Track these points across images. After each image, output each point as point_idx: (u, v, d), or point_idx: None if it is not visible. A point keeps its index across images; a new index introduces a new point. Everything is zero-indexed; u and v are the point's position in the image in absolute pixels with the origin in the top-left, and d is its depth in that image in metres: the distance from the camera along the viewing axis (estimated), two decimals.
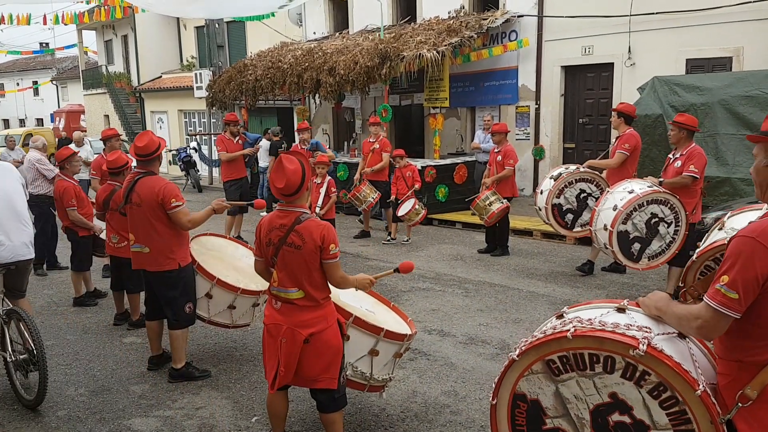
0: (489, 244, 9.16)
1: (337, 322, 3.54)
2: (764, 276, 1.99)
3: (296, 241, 3.36)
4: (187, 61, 24.89)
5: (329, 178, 8.46)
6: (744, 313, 2.05)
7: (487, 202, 8.46)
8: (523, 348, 2.32)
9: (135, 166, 4.97)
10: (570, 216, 7.39)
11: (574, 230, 7.49)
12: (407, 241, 9.98)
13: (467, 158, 12.65)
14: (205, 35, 19.53)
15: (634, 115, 7.47)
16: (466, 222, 11.27)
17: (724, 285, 2.02)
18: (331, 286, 3.51)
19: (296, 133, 10.29)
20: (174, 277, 4.69)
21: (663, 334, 2.19)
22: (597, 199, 6.81)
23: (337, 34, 16.46)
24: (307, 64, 13.38)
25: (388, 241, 10.01)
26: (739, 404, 2.07)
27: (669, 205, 6.06)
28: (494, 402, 2.46)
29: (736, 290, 2.00)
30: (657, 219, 6.10)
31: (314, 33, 17.94)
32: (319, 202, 8.20)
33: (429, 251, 9.39)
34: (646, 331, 2.14)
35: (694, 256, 3.32)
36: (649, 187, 6.12)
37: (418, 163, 11.67)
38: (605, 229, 6.18)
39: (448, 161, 12.50)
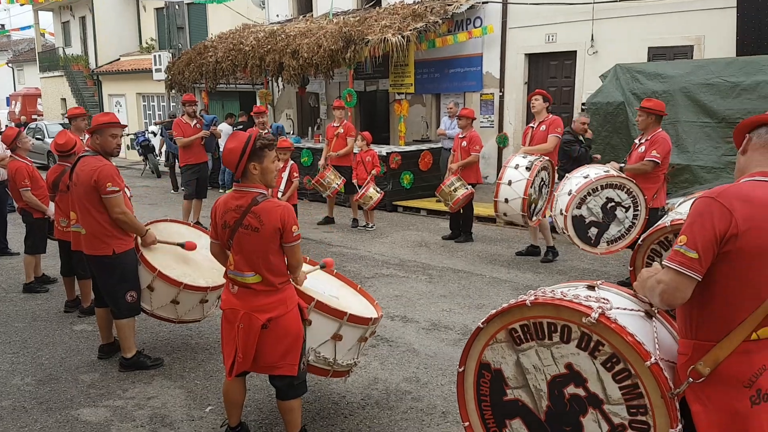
0: (453, 230, 9.13)
1: (298, 306, 3.41)
2: (722, 234, 1.96)
3: (253, 223, 3.22)
4: (147, 43, 24.27)
5: (292, 162, 8.27)
6: (701, 286, 2.01)
7: (452, 188, 8.40)
8: (489, 316, 2.38)
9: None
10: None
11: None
12: (371, 227, 9.88)
13: (432, 145, 12.60)
14: (164, 17, 19.05)
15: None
16: (431, 209, 11.23)
17: (683, 245, 2.00)
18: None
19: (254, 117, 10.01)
20: (109, 264, 4.49)
21: (625, 309, 2.18)
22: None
23: (301, 16, 16.18)
24: (269, 47, 13.11)
25: (364, 227, 9.91)
26: (690, 379, 2.04)
27: (626, 189, 6.07)
28: (461, 369, 2.51)
29: (696, 249, 1.97)
30: (614, 203, 6.11)
31: (277, 15, 17.61)
32: (281, 187, 8.01)
33: (393, 237, 9.31)
34: (603, 302, 2.14)
35: (640, 239, 3.34)
36: (605, 171, 6.12)
37: (383, 150, 11.55)
38: (561, 214, 6.20)
39: (413, 148, 12.41)
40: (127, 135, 20.25)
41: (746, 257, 1.96)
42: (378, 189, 9.56)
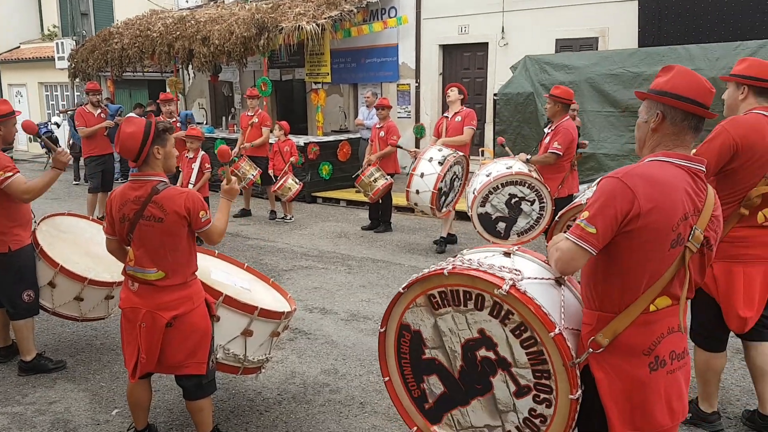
0: (372, 220, 9.14)
1: (205, 302, 3.27)
2: (623, 214, 2.05)
3: (156, 213, 3.04)
4: (49, 30, 22.86)
5: (203, 153, 7.99)
6: (604, 260, 2.11)
7: (372, 178, 8.39)
8: (409, 282, 2.47)
9: None
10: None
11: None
12: (290, 218, 9.74)
13: (351, 135, 12.54)
14: (67, 2, 17.97)
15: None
16: (350, 200, 11.18)
17: (584, 220, 2.09)
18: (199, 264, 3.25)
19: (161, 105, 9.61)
20: (5, 262, 4.18)
21: (535, 278, 2.28)
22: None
23: (211, 2, 15.69)
24: (178, 33, 12.65)
25: (282, 219, 9.75)
26: (590, 350, 2.16)
27: (527, 184, 6.19)
28: (383, 330, 2.63)
29: (595, 225, 2.06)
30: (517, 199, 6.26)
31: (186, 1, 17.01)
32: (192, 178, 7.73)
33: (312, 229, 9.22)
34: (516, 274, 2.24)
35: (557, 216, 3.48)
36: (507, 168, 6.24)
37: (301, 140, 11.40)
38: (469, 211, 6.38)
39: (331, 138, 12.31)
40: None
41: (647, 235, 2.05)
42: (297, 180, 9.42)
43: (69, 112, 18.03)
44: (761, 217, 3.27)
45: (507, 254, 2.46)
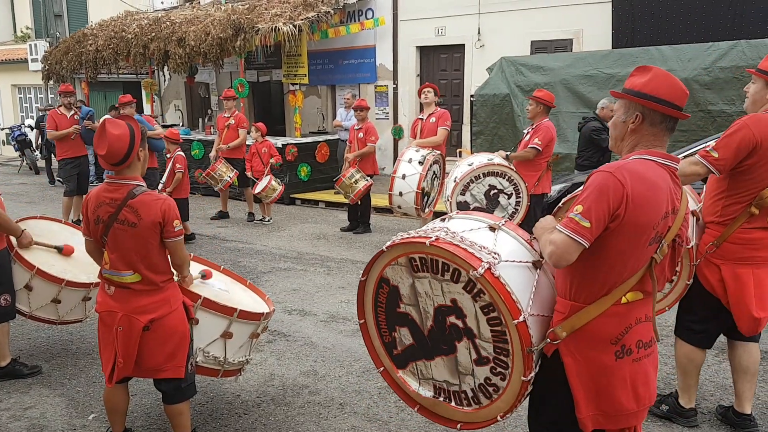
0: (351, 222, 9.14)
1: (183, 305, 3.25)
2: (614, 209, 2.09)
3: (130, 217, 3.01)
4: (22, 32, 22.51)
5: (178, 153, 7.94)
6: (585, 253, 2.14)
7: (353, 180, 8.39)
8: (393, 242, 2.55)
9: None
10: None
11: None
12: (268, 220, 9.70)
13: (329, 137, 12.52)
14: (41, 4, 17.69)
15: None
16: (329, 201, 11.17)
17: (578, 213, 2.12)
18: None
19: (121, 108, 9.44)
20: None
21: (513, 261, 2.33)
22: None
23: (187, 3, 15.57)
24: (153, 34, 12.52)
25: (260, 220, 9.70)
26: (548, 339, 2.25)
27: (507, 177, 6.30)
28: (363, 279, 2.72)
29: (589, 219, 2.09)
30: (496, 190, 6.35)
31: (162, 2, 16.84)
32: (163, 179, 7.67)
33: (291, 231, 9.20)
34: (494, 257, 2.29)
35: (561, 203, 3.49)
36: (488, 160, 6.34)
37: (279, 141, 11.36)
38: (447, 200, 6.41)
39: (309, 140, 12.28)
40: (2, 129, 18.73)
41: (630, 230, 2.11)
42: (279, 181, 9.40)
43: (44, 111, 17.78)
44: None
45: (492, 228, 2.48)
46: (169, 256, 3.18)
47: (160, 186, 7.58)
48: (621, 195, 2.08)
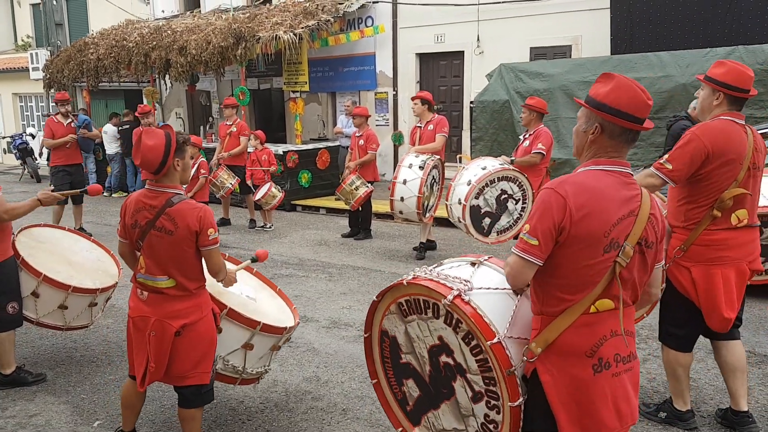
0: (352, 228, 9.18)
1: (212, 311, 3.29)
2: (560, 224, 2.11)
3: (167, 225, 3.06)
4: (23, 40, 22.65)
5: (202, 159, 8.19)
6: (545, 266, 2.16)
7: (354, 186, 8.42)
8: (381, 291, 2.61)
9: None
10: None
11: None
12: (270, 227, 9.75)
13: (330, 143, 12.58)
14: (41, 12, 17.74)
15: (433, 102, 7.25)
16: (330, 207, 11.22)
17: (526, 233, 2.16)
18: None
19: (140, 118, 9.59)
20: None
21: (488, 288, 2.36)
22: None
23: (188, 12, 15.65)
24: (155, 43, 12.60)
25: (262, 227, 9.75)
26: (524, 358, 2.23)
27: (518, 182, 6.38)
28: (367, 335, 2.75)
29: (536, 237, 2.12)
30: (506, 195, 6.40)
31: (162, 11, 16.96)
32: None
33: (292, 237, 9.23)
34: (464, 284, 2.32)
35: None
36: (500, 164, 6.39)
37: (280, 149, 11.42)
38: (459, 203, 6.38)
39: (310, 146, 12.34)
40: (3, 138, 18.80)
41: (580, 242, 2.11)
42: (279, 188, 9.46)
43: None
44: (734, 219, 3.35)
45: (473, 264, 2.54)
46: (204, 264, 3.22)
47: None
48: (563, 209, 2.09)
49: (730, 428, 3.66)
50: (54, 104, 17.39)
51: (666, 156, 3.37)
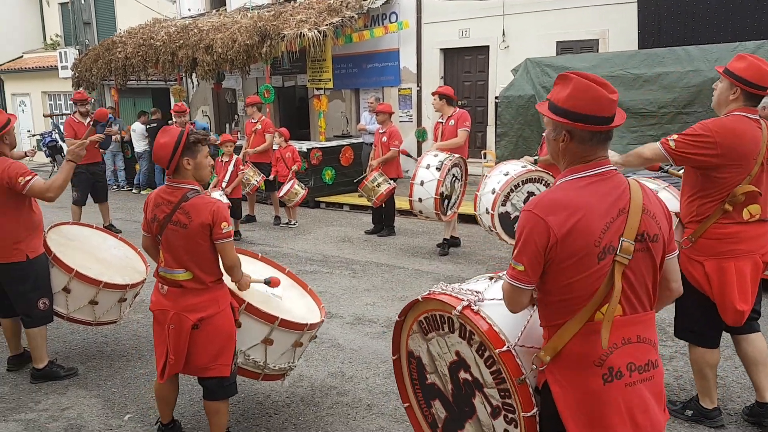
0: (375, 224, 9.20)
1: (231, 306, 3.36)
2: (544, 246, 2.03)
3: (182, 219, 3.17)
4: (51, 39, 23.05)
5: (237, 156, 8.52)
6: (541, 282, 2.11)
7: (375, 183, 8.45)
8: (403, 310, 2.61)
9: None
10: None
11: None
12: (294, 224, 9.83)
13: (353, 140, 12.62)
14: (70, 12, 18.06)
15: (455, 97, 7.69)
16: (353, 204, 11.26)
17: (513, 259, 2.11)
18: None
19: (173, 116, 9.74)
20: (22, 270, 4.25)
21: (501, 299, 2.27)
22: None
23: (214, 11, 15.80)
24: (182, 42, 12.75)
25: (286, 224, 9.85)
26: (534, 366, 2.18)
27: (543, 182, 6.32)
28: (395, 357, 2.76)
29: (522, 263, 2.07)
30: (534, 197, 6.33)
31: (189, 10, 17.14)
32: (226, 179, 8.35)
33: (316, 234, 9.30)
34: (474, 295, 2.32)
35: None
36: (522, 167, 6.34)
37: (304, 146, 11.49)
38: (487, 212, 6.36)
39: (333, 143, 12.39)
40: (33, 135, 19.20)
41: (572, 256, 2.02)
42: (302, 185, 9.53)
43: (56, 117, 18.06)
44: (746, 214, 3.37)
45: (492, 278, 2.55)
46: (220, 259, 3.29)
47: (223, 185, 8.36)
48: (545, 231, 2.02)
49: (757, 424, 3.62)
50: (72, 103, 17.77)
51: (675, 135, 3.37)
